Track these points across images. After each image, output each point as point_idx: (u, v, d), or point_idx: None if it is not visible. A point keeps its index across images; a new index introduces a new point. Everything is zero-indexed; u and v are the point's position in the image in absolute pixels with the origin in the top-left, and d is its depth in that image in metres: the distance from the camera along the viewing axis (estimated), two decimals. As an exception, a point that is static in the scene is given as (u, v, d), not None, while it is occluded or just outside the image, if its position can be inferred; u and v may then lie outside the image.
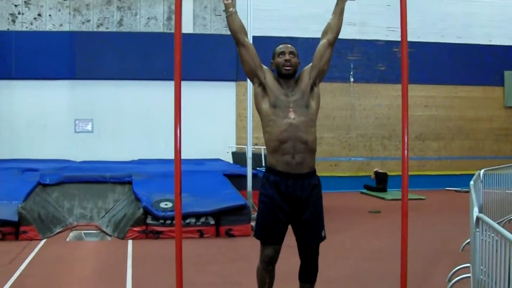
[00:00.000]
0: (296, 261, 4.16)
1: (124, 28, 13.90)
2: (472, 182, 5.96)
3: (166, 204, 8.11)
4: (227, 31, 11.91)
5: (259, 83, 4.08)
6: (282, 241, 4.02)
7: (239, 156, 11.97)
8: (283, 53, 4.07)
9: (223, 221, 8.18)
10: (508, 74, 15.43)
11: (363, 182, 14.13)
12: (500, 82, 15.48)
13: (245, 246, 7.39)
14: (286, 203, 3.97)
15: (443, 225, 9.23)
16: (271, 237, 3.99)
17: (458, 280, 5.31)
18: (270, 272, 4.07)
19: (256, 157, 10.42)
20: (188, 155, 11.16)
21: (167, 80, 12.45)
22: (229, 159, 12.94)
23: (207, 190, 8.99)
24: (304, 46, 11.09)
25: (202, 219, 8.13)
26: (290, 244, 4.15)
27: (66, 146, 13.39)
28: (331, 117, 14.53)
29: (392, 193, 13.07)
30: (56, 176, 9.44)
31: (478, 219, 4.11)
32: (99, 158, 12.93)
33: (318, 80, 4.13)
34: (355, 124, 14.81)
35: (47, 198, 8.95)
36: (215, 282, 5.72)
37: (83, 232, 8.43)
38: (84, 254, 7.06)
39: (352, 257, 6.91)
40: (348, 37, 13.90)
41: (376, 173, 13.90)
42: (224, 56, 13.74)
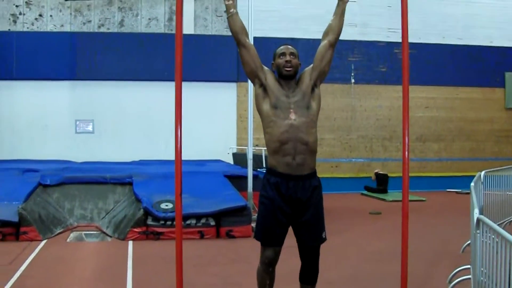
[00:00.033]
0: (297, 262, 4.16)
1: (125, 29, 13.91)
2: (472, 184, 5.97)
3: (167, 205, 8.11)
4: (228, 32, 11.91)
5: (260, 84, 4.07)
6: (282, 242, 4.02)
7: (239, 157, 11.97)
8: (283, 54, 4.07)
9: (223, 222, 8.17)
10: (509, 76, 15.43)
11: (363, 184, 14.12)
12: (501, 84, 15.48)
13: (245, 247, 7.38)
14: (286, 204, 3.96)
15: (444, 226, 9.23)
16: (271, 238, 3.99)
17: (459, 282, 5.30)
18: (270, 274, 4.07)
19: (256, 158, 10.43)
20: (189, 156, 11.15)
21: (168, 80, 12.45)
22: (229, 160, 12.95)
23: (208, 191, 8.99)
24: (305, 47, 11.13)
25: (203, 220, 8.13)
26: (290, 245, 4.14)
27: (67, 146, 13.40)
28: (332, 118, 14.53)
29: (392, 194, 13.05)
30: (57, 176, 9.44)
31: (479, 221, 4.10)
32: (100, 159, 12.94)
33: (319, 81, 4.13)
34: (356, 125, 14.81)
35: (47, 198, 8.95)
36: (215, 283, 5.72)
37: (84, 233, 8.43)
38: (85, 255, 7.05)
39: (353, 258, 6.90)
40: (349, 38, 13.92)
41: (377, 174, 13.90)
42: (225, 57, 13.74)
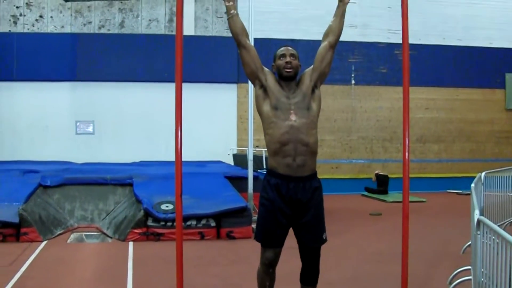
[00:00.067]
0: (297, 263, 4.16)
1: (126, 30, 13.92)
2: (473, 185, 5.96)
3: (167, 206, 8.10)
4: (228, 33, 11.92)
5: (260, 85, 4.07)
6: (282, 244, 4.02)
7: (240, 158, 11.98)
8: (284, 55, 4.07)
9: (224, 223, 8.17)
10: (509, 77, 15.44)
11: (364, 185, 14.12)
12: (501, 85, 15.49)
13: (245, 248, 7.38)
14: (287, 206, 3.96)
15: (444, 227, 9.22)
16: (271, 240, 3.99)
17: (459, 283, 5.30)
18: (270, 275, 4.07)
19: (257, 159, 10.44)
20: (189, 157, 11.11)
21: (168, 82, 12.46)
22: (230, 161, 12.95)
23: (208, 192, 8.99)
24: (305, 49, 11.10)
25: (203, 221, 8.13)
26: (291, 246, 4.14)
27: (67, 147, 13.40)
28: (332, 119, 14.54)
29: (393, 195, 13.05)
30: (57, 177, 9.44)
31: (479, 222, 4.10)
32: (100, 160, 12.94)
33: (319, 83, 4.13)
34: (356, 127, 14.81)
35: (48, 199, 8.95)
36: (215, 284, 5.72)
37: (84, 234, 8.42)
38: (85, 256, 7.05)
39: (353, 259, 6.90)
40: (349, 39, 13.93)
41: (377, 175, 13.90)
42: (225, 58, 13.75)
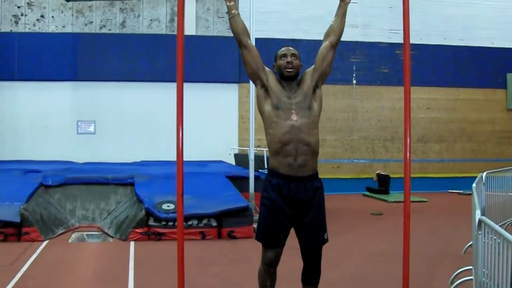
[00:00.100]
0: (298, 263, 4.16)
1: (127, 30, 13.92)
2: (474, 185, 5.96)
3: (168, 206, 8.10)
4: (229, 33, 11.91)
5: (261, 85, 4.07)
6: (283, 244, 4.02)
7: (241, 158, 11.98)
8: (285, 55, 4.07)
9: (225, 223, 8.17)
10: (510, 77, 15.42)
11: (365, 184, 14.12)
12: (502, 85, 15.47)
13: (247, 248, 7.38)
14: (288, 206, 3.96)
15: (445, 227, 9.22)
16: (272, 240, 3.99)
17: (461, 283, 5.30)
18: (271, 275, 4.07)
19: (258, 159, 10.44)
20: (191, 156, 11.14)
21: (169, 81, 12.46)
22: (231, 161, 12.95)
23: (209, 192, 8.99)
24: (306, 49, 11.13)
25: (204, 221, 8.13)
26: (292, 246, 4.15)
27: (69, 147, 13.41)
28: (333, 119, 14.54)
29: (394, 195, 13.04)
30: (59, 177, 9.44)
31: (480, 222, 4.10)
32: (101, 160, 12.95)
33: (320, 82, 4.13)
34: (358, 126, 14.81)
35: (49, 199, 8.95)
36: (216, 284, 5.72)
37: (85, 233, 8.43)
38: (86, 255, 7.06)
39: (354, 259, 6.90)
40: (351, 39, 13.93)
41: (379, 175, 13.89)
42: (226, 58, 13.76)
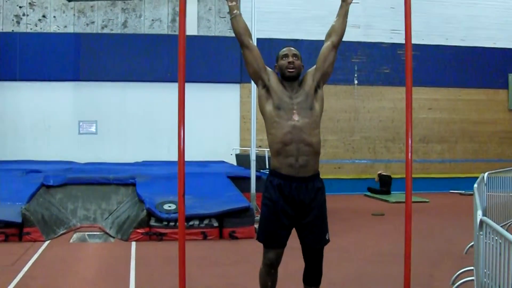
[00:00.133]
0: (299, 263, 4.15)
1: (129, 30, 13.93)
2: (476, 185, 5.96)
3: (170, 206, 8.10)
4: (231, 33, 11.91)
5: (263, 85, 4.07)
6: (285, 244, 4.02)
7: (243, 158, 11.97)
8: (286, 55, 4.08)
9: (226, 223, 8.16)
10: (512, 77, 15.43)
11: (367, 185, 14.11)
12: (504, 85, 15.45)
13: (248, 249, 7.37)
14: (289, 206, 3.95)
15: (447, 228, 9.21)
16: (273, 240, 3.99)
17: (462, 283, 5.30)
18: (272, 275, 4.07)
19: (260, 159, 10.43)
20: (192, 157, 11.18)
21: (171, 82, 12.38)
22: (232, 161, 12.94)
23: (211, 192, 8.99)
24: (308, 49, 11.15)
25: (206, 221, 8.13)
26: (293, 246, 4.14)
27: (70, 147, 13.42)
28: (335, 119, 14.53)
29: (395, 195, 13.04)
30: (60, 177, 9.44)
31: (482, 222, 4.10)
32: (103, 160, 12.95)
33: (322, 83, 4.13)
34: (359, 127, 14.80)
35: (50, 199, 8.96)
36: (217, 284, 5.72)
37: (87, 233, 8.43)
38: (87, 255, 7.06)
39: (356, 259, 6.89)
40: (352, 39, 13.92)
41: (380, 175, 13.89)
42: (228, 58, 13.76)
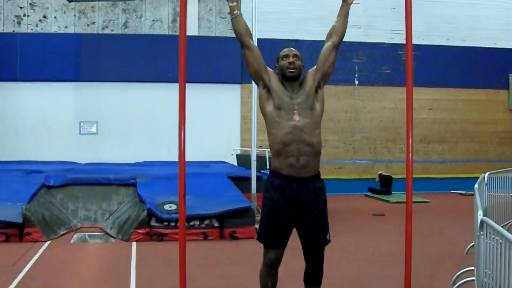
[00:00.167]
0: (300, 263, 4.16)
1: (129, 30, 13.93)
2: (476, 185, 5.96)
3: (170, 206, 8.10)
4: (232, 34, 11.91)
5: (263, 85, 4.08)
6: (285, 245, 4.02)
7: (243, 159, 11.97)
8: (286, 56, 4.08)
9: (227, 223, 8.16)
10: (513, 77, 15.43)
11: (367, 185, 14.11)
12: (505, 85, 15.45)
13: (249, 249, 7.37)
14: (290, 207, 3.95)
15: (447, 228, 9.21)
16: (274, 241, 3.99)
17: (463, 283, 5.29)
18: (272, 276, 4.07)
19: (260, 159, 10.43)
20: (193, 157, 11.17)
21: (171, 82, 12.44)
22: (233, 161, 12.95)
23: (211, 192, 8.99)
24: (308, 49, 11.15)
25: (206, 221, 8.13)
26: (293, 246, 4.14)
27: (71, 148, 13.42)
28: (335, 119, 14.53)
29: (396, 196, 13.04)
30: (61, 178, 9.45)
31: (483, 222, 4.10)
32: (104, 160, 12.96)
33: (322, 83, 4.13)
34: (360, 127, 14.80)
35: (51, 200, 8.96)
36: (218, 285, 5.72)
37: (87, 234, 8.43)
38: (88, 256, 7.06)
39: (356, 259, 6.89)
40: (353, 39, 13.92)
41: (381, 176, 13.89)
42: (229, 59, 13.76)
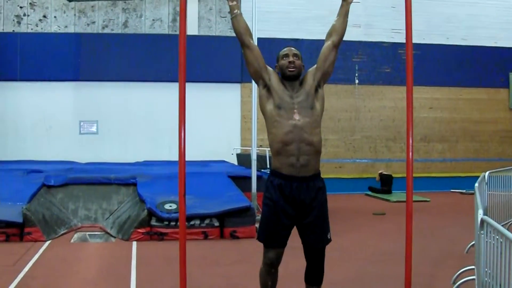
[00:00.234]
0: (300, 263, 4.15)
1: (129, 30, 13.93)
2: (477, 184, 5.96)
3: (171, 206, 8.10)
4: (232, 33, 11.91)
5: (264, 84, 4.07)
6: (285, 244, 4.02)
7: (243, 158, 11.97)
8: (286, 55, 4.08)
9: (227, 222, 8.17)
10: (513, 76, 15.42)
11: (367, 184, 14.10)
12: (505, 84, 15.45)
13: (249, 248, 7.37)
14: (290, 206, 3.95)
15: (448, 227, 9.21)
16: (274, 240, 3.99)
17: (463, 282, 5.29)
18: (272, 275, 4.07)
19: (260, 158, 10.44)
20: (193, 156, 11.16)
21: (172, 81, 12.37)
22: (233, 161, 12.95)
23: (212, 191, 8.99)
24: (309, 48, 11.15)
25: (207, 221, 8.13)
26: (293, 246, 4.14)
27: (71, 147, 13.42)
28: (335, 119, 14.52)
29: (396, 195, 13.04)
30: (61, 177, 9.45)
31: (483, 221, 4.10)
32: (104, 160, 12.95)
33: (322, 82, 4.13)
34: (360, 126, 14.79)
35: (51, 199, 8.96)
36: (218, 284, 5.72)
37: (88, 233, 8.43)
38: (88, 255, 7.06)
39: (356, 259, 6.89)
40: (353, 39, 13.92)
41: (381, 175, 13.88)
42: (229, 58, 13.75)
